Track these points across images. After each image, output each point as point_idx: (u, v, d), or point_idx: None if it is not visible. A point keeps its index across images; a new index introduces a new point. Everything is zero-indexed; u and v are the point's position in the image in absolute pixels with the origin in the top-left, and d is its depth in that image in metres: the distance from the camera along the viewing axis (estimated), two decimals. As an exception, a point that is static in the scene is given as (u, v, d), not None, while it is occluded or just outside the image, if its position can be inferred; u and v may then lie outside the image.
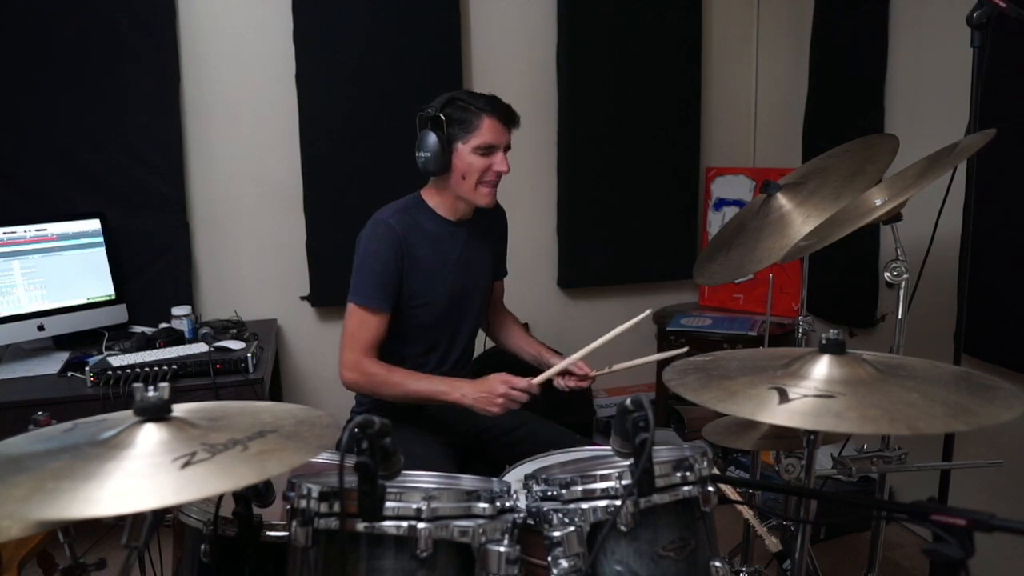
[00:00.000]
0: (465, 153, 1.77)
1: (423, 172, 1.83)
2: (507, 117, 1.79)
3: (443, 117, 1.75)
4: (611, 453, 1.09)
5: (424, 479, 1.13)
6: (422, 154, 1.78)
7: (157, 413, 0.87)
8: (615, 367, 1.74)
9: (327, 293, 2.87)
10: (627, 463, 1.02)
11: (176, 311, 2.51)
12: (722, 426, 1.73)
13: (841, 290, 2.81)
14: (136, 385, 0.89)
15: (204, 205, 2.83)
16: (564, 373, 1.81)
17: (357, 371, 1.78)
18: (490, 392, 1.69)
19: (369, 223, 1.84)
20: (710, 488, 1.09)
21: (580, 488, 1.05)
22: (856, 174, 1.73)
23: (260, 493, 1.07)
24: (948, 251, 1.74)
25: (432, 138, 1.76)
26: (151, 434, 0.84)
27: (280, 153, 2.84)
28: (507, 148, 1.82)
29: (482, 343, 2.17)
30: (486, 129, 1.76)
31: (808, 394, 0.96)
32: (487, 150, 1.77)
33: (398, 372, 1.78)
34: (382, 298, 1.79)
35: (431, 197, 1.89)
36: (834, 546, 2.50)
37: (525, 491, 1.12)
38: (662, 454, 1.10)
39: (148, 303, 2.68)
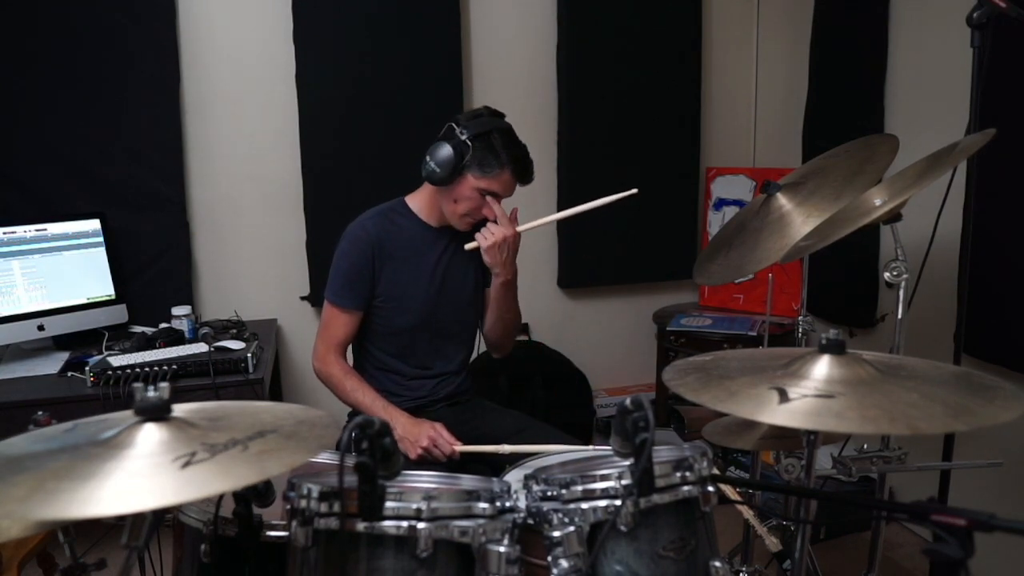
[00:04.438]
0: (469, 185, 1.79)
1: (424, 179, 1.83)
2: (524, 178, 1.84)
3: (470, 145, 1.75)
4: (611, 453, 1.09)
5: (424, 479, 1.13)
6: (431, 164, 1.78)
7: (157, 413, 0.87)
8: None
9: (327, 293, 2.87)
10: (627, 463, 1.02)
11: (176, 311, 2.51)
12: (722, 426, 1.73)
13: (841, 290, 2.81)
14: (136, 385, 0.88)
15: (204, 205, 2.83)
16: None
17: (323, 363, 1.89)
18: (416, 436, 1.74)
19: (348, 225, 1.90)
20: (710, 488, 1.09)
21: (580, 488, 1.05)
22: (856, 174, 1.73)
23: (260, 493, 1.07)
24: (948, 251, 1.74)
25: (448, 155, 1.76)
26: (151, 434, 0.84)
27: (280, 153, 2.84)
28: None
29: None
30: (501, 181, 1.79)
31: (808, 394, 0.96)
32: (490, 195, 1.80)
33: (352, 379, 1.86)
34: (348, 297, 1.87)
35: (415, 201, 1.93)
36: (834, 546, 2.50)
37: (525, 491, 1.12)
38: (662, 454, 1.10)
39: (148, 303, 2.68)
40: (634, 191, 1.81)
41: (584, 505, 1.04)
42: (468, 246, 1.85)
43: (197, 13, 2.71)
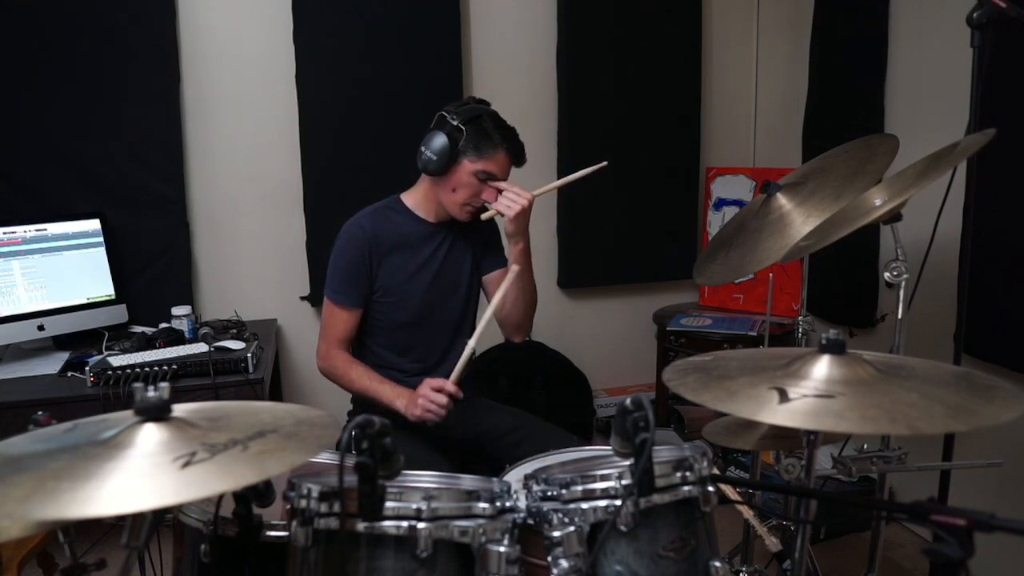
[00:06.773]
0: (466, 171, 1.80)
1: (421, 170, 1.85)
2: (518, 158, 1.85)
3: (463, 130, 1.77)
4: (611, 453, 1.09)
5: (424, 479, 1.13)
6: (427, 153, 1.80)
7: (157, 413, 0.87)
8: None
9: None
10: (627, 463, 1.02)
11: (176, 311, 2.51)
12: (722, 426, 1.73)
13: (841, 290, 2.81)
14: (136, 385, 0.88)
15: (204, 205, 2.83)
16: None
17: (326, 360, 1.91)
18: (413, 395, 1.76)
19: (344, 224, 1.92)
20: (710, 488, 1.09)
21: (580, 488, 1.05)
22: (856, 174, 1.73)
23: (260, 493, 1.07)
24: (948, 251, 1.74)
25: (443, 142, 1.78)
26: (151, 434, 0.84)
27: (280, 153, 2.84)
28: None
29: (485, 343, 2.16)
30: (497, 161, 1.81)
31: (808, 394, 0.96)
32: (487, 177, 1.81)
33: (356, 368, 1.88)
34: (347, 294, 1.88)
35: (411, 198, 1.95)
36: (834, 546, 2.50)
37: (525, 491, 1.12)
38: (662, 454, 1.10)
39: (148, 303, 2.68)
40: (604, 164, 1.88)
41: (584, 505, 1.04)
42: (485, 215, 1.85)
43: (197, 13, 2.71)
